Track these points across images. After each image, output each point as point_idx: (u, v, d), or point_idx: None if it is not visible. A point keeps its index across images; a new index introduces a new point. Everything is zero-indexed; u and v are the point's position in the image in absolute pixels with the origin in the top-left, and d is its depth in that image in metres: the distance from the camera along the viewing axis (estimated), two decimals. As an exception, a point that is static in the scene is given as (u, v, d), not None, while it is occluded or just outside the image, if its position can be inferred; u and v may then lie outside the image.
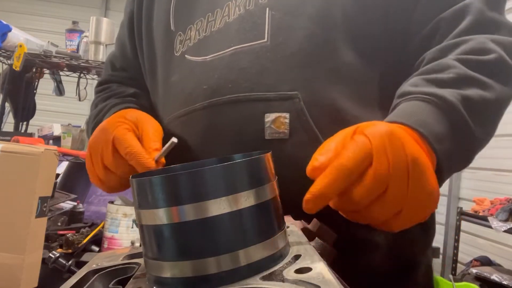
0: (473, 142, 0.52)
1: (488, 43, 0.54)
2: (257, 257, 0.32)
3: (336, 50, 0.59)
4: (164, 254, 0.32)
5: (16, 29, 2.10)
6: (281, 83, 0.58)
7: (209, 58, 0.62)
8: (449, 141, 0.48)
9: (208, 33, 0.65)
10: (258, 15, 0.60)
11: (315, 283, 0.29)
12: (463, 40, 0.56)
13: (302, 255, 0.35)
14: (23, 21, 4.82)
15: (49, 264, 1.08)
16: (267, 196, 0.33)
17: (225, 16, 0.63)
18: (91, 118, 0.77)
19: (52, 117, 4.14)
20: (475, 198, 2.86)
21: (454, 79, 0.51)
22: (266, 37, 0.59)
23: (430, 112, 0.49)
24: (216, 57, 0.62)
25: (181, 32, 0.68)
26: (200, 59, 0.64)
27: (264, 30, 0.60)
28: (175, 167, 0.45)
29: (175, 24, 0.69)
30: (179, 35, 0.68)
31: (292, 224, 0.45)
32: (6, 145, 0.89)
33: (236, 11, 0.62)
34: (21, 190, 0.88)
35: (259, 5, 0.61)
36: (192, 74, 0.64)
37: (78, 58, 2.01)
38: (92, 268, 0.40)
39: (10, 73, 2.03)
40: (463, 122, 0.49)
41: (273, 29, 0.59)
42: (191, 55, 0.65)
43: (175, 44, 0.68)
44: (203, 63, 0.63)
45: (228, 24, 0.63)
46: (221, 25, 0.63)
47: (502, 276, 2.31)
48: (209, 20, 0.65)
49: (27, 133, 2.16)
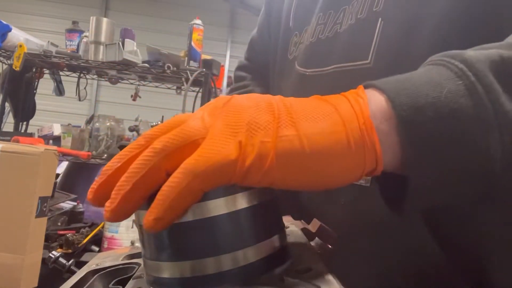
0: (504, 120, 0.30)
1: None
2: (257, 257, 0.32)
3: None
4: (163, 255, 0.32)
5: (16, 29, 2.10)
6: None
7: (309, 72, 0.57)
8: (443, 115, 0.30)
9: (315, 39, 0.57)
10: (367, 27, 0.50)
11: (315, 283, 0.29)
12: None
13: (302, 255, 0.35)
14: (23, 21, 4.83)
15: (49, 264, 1.08)
16: (266, 196, 0.33)
17: (338, 23, 0.55)
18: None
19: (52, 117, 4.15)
20: (475, 198, 2.86)
21: (500, 44, 0.34)
22: (369, 58, 0.49)
23: (430, 73, 0.33)
24: (316, 73, 0.56)
25: (297, 32, 0.63)
26: (302, 70, 0.58)
27: (369, 48, 0.49)
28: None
29: (294, 20, 0.64)
30: (295, 36, 0.63)
31: (292, 224, 0.45)
32: (6, 145, 0.89)
33: (348, 20, 0.53)
34: (21, 190, 0.88)
35: (372, 14, 0.50)
36: (295, 85, 0.59)
37: (78, 58, 2.01)
38: (92, 268, 0.40)
39: (10, 73, 2.03)
40: (483, 89, 0.30)
41: (380, 47, 0.48)
42: (297, 63, 0.61)
43: (290, 45, 0.64)
44: (304, 76, 0.58)
45: (337, 34, 0.54)
46: (331, 34, 0.55)
47: (502, 276, 2.31)
48: (319, 23, 0.58)
49: (27, 133, 2.16)
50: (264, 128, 0.30)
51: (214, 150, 0.29)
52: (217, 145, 0.29)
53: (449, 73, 0.32)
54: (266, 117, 0.31)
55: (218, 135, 0.30)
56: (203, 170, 0.28)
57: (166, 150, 0.29)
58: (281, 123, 0.31)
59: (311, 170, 0.31)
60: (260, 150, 0.29)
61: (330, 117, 0.31)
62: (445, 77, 0.32)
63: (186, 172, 0.28)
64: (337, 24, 0.55)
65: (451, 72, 0.32)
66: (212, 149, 0.29)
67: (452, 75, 0.31)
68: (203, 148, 0.29)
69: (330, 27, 0.56)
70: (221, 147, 0.29)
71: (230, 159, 0.29)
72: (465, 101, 0.30)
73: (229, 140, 0.29)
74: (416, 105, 0.30)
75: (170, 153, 0.29)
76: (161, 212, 0.28)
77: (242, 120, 0.30)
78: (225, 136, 0.30)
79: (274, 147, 0.30)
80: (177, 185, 0.28)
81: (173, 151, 0.29)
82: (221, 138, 0.29)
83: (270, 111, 0.31)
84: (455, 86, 0.31)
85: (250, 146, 0.29)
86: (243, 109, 0.31)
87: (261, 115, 0.31)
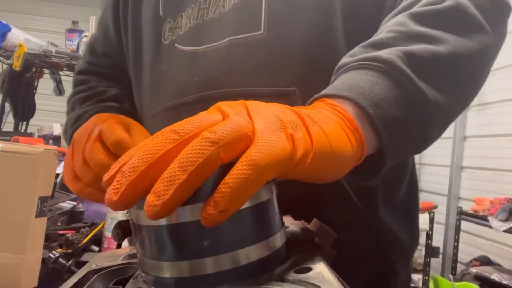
0: (427, 105, 0.42)
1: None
2: (256, 257, 0.32)
3: (335, 42, 0.55)
4: (163, 254, 0.32)
5: (16, 29, 2.10)
6: (278, 78, 0.54)
7: (201, 48, 0.59)
8: (391, 104, 0.40)
9: (200, 21, 0.61)
10: (254, 4, 0.57)
11: (315, 283, 0.29)
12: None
13: (302, 255, 0.35)
14: (23, 21, 4.82)
15: (49, 264, 1.08)
16: (265, 196, 0.33)
17: (220, 6, 0.60)
18: (69, 122, 0.71)
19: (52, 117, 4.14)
20: (475, 198, 2.86)
21: (394, 38, 0.44)
22: (262, 28, 0.55)
23: (363, 77, 0.41)
24: (209, 48, 0.58)
25: (170, 19, 0.64)
26: (191, 49, 0.60)
27: (260, 20, 0.56)
28: None
29: (165, 10, 0.65)
30: (168, 22, 0.64)
31: (292, 224, 0.45)
32: (6, 145, 0.89)
33: (231, 1, 0.59)
34: (21, 190, 0.88)
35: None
36: (183, 64, 0.60)
37: (78, 58, 2.01)
38: (92, 268, 0.40)
39: (10, 73, 2.03)
40: (406, 79, 0.41)
41: (270, 20, 0.55)
42: (181, 45, 0.62)
43: (164, 32, 0.64)
44: (195, 53, 0.59)
45: (222, 14, 0.59)
46: (215, 15, 0.60)
47: (502, 276, 2.31)
48: (201, 8, 0.61)
49: (27, 133, 2.17)
50: (298, 125, 0.33)
51: (272, 143, 0.30)
52: (272, 138, 0.30)
53: (378, 74, 0.41)
54: (293, 115, 0.34)
55: (268, 129, 0.31)
56: (268, 163, 0.29)
57: (222, 140, 0.29)
58: (306, 121, 0.34)
59: (331, 163, 0.35)
60: (305, 144, 0.32)
61: (330, 119, 0.36)
62: (377, 77, 0.41)
63: (254, 164, 0.29)
64: (220, 6, 0.60)
65: (379, 73, 0.41)
66: (269, 142, 0.30)
67: (380, 75, 0.41)
68: (260, 140, 0.30)
69: (214, 10, 0.60)
70: (276, 140, 0.30)
71: (288, 151, 0.31)
72: (397, 91, 0.41)
73: (280, 134, 0.31)
74: (373, 103, 0.39)
75: (225, 143, 0.29)
76: (228, 204, 0.28)
77: (279, 116, 0.33)
78: (275, 130, 0.31)
79: (312, 142, 0.33)
80: (246, 177, 0.28)
81: (228, 142, 0.29)
82: (272, 131, 0.31)
83: (291, 110, 0.35)
84: (387, 82, 0.41)
85: (298, 139, 0.32)
86: (270, 108, 0.34)
87: (289, 113, 0.34)
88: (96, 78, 0.78)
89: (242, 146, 0.30)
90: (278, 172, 0.30)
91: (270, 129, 0.31)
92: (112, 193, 0.29)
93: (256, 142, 0.30)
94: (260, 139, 0.30)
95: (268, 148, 0.30)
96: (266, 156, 0.29)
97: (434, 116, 0.44)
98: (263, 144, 0.30)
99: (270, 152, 0.29)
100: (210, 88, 0.56)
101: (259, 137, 0.30)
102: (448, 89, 0.44)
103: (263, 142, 0.30)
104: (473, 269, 2.48)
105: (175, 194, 0.28)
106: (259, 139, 0.30)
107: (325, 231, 0.43)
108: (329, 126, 0.35)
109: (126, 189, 0.29)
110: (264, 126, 0.31)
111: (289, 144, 0.31)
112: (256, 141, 0.30)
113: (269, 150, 0.30)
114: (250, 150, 0.29)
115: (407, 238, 0.63)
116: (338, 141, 0.35)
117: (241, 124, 0.30)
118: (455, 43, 0.44)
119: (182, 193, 0.28)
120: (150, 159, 0.29)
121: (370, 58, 0.42)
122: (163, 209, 0.28)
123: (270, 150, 0.30)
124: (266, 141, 0.30)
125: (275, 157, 0.30)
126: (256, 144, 0.30)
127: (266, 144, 0.30)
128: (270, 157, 0.29)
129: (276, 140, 0.30)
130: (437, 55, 0.43)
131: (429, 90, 0.42)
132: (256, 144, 0.30)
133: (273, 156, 0.29)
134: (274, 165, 0.30)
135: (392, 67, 0.41)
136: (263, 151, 0.29)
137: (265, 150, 0.29)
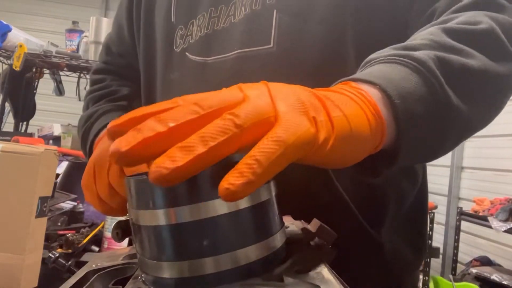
0: (451, 111, 0.42)
1: (481, 17, 0.47)
2: (256, 257, 0.32)
3: (346, 58, 0.54)
4: (163, 255, 0.32)
5: (16, 29, 2.10)
6: None
7: (210, 60, 0.59)
8: (416, 100, 0.39)
9: (211, 30, 0.60)
10: (265, 17, 0.56)
11: (315, 283, 0.29)
12: (456, 16, 0.49)
13: (302, 255, 0.35)
14: (23, 21, 4.82)
15: (49, 264, 1.08)
16: (265, 196, 0.33)
17: (231, 15, 0.59)
18: (81, 121, 0.72)
19: (52, 117, 4.14)
20: (475, 198, 2.86)
21: (426, 45, 0.43)
22: (272, 42, 0.55)
23: (393, 70, 0.41)
24: (218, 59, 0.58)
25: (182, 26, 0.63)
26: (201, 59, 0.60)
27: (270, 34, 0.55)
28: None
29: (177, 16, 0.64)
30: (180, 29, 0.64)
31: (292, 224, 0.45)
32: (6, 145, 0.89)
33: (242, 11, 0.58)
34: (21, 190, 0.88)
35: (266, 6, 0.56)
36: (192, 74, 0.60)
37: (78, 58, 2.01)
38: (92, 268, 0.40)
39: (10, 73, 2.03)
40: (435, 81, 0.40)
41: (280, 33, 0.55)
42: (192, 54, 0.61)
43: (175, 38, 0.64)
44: (204, 64, 0.59)
45: (233, 24, 0.58)
46: (226, 25, 0.59)
47: (502, 276, 2.31)
48: (212, 16, 0.61)
49: (27, 133, 2.16)
50: (319, 108, 0.33)
51: (296, 124, 0.30)
52: (296, 120, 0.30)
53: (408, 70, 0.40)
54: (314, 98, 0.34)
55: (291, 111, 0.31)
56: (293, 141, 0.29)
57: (245, 124, 0.29)
58: (326, 104, 0.34)
59: (351, 146, 0.34)
60: (327, 127, 0.32)
61: (351, 102, 0.35)
62: (406, 72, 0.40)
63: (281, 141, 0.28)
64: (230, 16, 0.59)
65: (410, 69, 0.40)
66: (294, 122, 0.30)
67: (411, 71, 0.40)
68: (285, 121, 0.30)
69: (224, 19, 0.59)
70: (300, 121, 0.30)
71: (312, 132, 0.31)
72: (424, 90, 0.40)
73: (303, 117, 0.31)
74: (400, 95, 0.38)
75: (247, 127, 0.29)
76: (253, 176, 0.27)
77: (301, 99, 0.32)
78: (298, 112, 0.31)
79: (333, 125, 0.32)
80: (273, 152, 0.28)
81: (250, 126, 0.29)
82: (295, 113, 0.31)
83: (313, 93, 0.35)
84: (416, 79, 0.40)
85: (320, 122, 0.32)
86: (292, 90, 0.34)
87: (310, 96, 0.34)
88: (111, 77, 0.79)
89: (263, 131, 0.30)
90: (302, 153, 0.30)
91: (293, 111, 0.31)
92: (123, 144, 0.27)
93: (281, 122, 0.30)
94: (285, 120, 0.30)
95: (294, 128, 0.29)
96: (292, 135, 0.29)
97: (454, 124, 0.43)
98: (288, 124, 0.30)
99: (295, 131, 0.29)
100: None
101: (283, 118, 0.30)
102: (472, 102, 0.44)
103: (288, 122, 0.30)
104: (473, 269, 2.48)
105: (191, 163, 0.27)
106: (284, 120, 0.30)
107: (325, 231, 0.43)
108: (351, 109, 0.35)
109: (139, 143, 0.27)
110: (287, 108, 0.31)
111: (312, 126, 0.31)
112: (281, 121, 0.30)
113: (294, 129, 0.29)
114: (276, 128, 0.29)
115: (412, 253, 0.63)
116: (358, 124, 0.34)
117: (264, 109, 0.30)
118: (485, 62, 0.44)
119: (196, 165, 0.27)
120: (171, 123, 0.28)
121: (401, 55, 0.42)
122: (172, 174, 0.26)
123: (295, 130, 0.29)
124: (290, 121, 0.30)
125: (299, 136, 0.29)
126: (281, 123, 0.30)
127: (291, 125, 0.30)
128: (295, 136, 0.29)
129: (300, 121, 0.30)
130: (467, 67, 0.43)
131: (454, 97, 0.41)
132: (281, 124, 0.30)
133: (298, 135, 0.29)
134: (299, 145, 0.29)
135: (424, 66, 0.40)
136: (289, 130, 0.29)
137: (290, 129, 0.29)
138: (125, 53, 0.77)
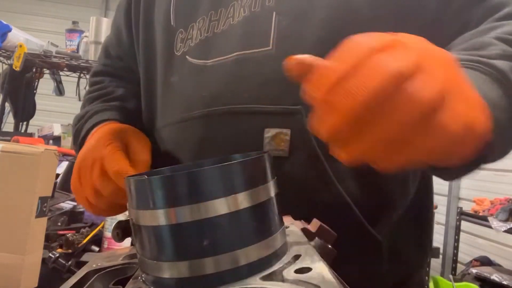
0: None
1: None
2: (256, 257, 0.32)
3: None
4: (163, 255, 0.32)
5: (16, 29, 2.10)
6: (284, 96, 0.53)
7: (209, 62, 0.59)
8: (501, 110, 0.40)
9: (211, 33, 0.60)
10: (264, 19, 0.56)
11: (315, 283, 0.29)
12: (502, 24, 0.49)
13: (302, 255, 0.35)
14: (23, 21, 4.82)
15: (49, 264, 1.08)
16: (265, 196, 0.33)
17: (230, 17, 0.59)
18: (75, 120, 0.73)
19: (52, 117, 4.14)
20: (475, 198, 2.86)
21: (500, 55, 0.44)
22: (271, 44, 0.55)
23: (478, 77, 0.41)
24: (217, 62, 0.58)
25: (182, 30, 0.64)
26: (201, 62, 0.60)
27: (269, 36, 0.55)
28: (172, 168, 0.45)
29: (176, 20, 0.64)
30: (180, 33, 0.64)
31: (292, 224, 0.45)
32: (6, 145, 0.90)
33: (241, 13, 0.58)
34: (21, 190, 0.88)
35: (266, 8, 0.56)
36: (192, 77, 0.60)
37: (78, 58, 2.01)
38: (92, 268, 0.40)
39: (10, 73, 2.03)
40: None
41: (279, 35, 0.55)
42: (191, 57, 0.61)
43: (176, 42, 0.64)
44: (204, 67, 0.59)
45: (232, 26, 0.58)
46: (225, 27, 0.59)
47: (502, 276, 2.31)
48: (212, 20, 0.61)
49: (27, 133, 2.17)
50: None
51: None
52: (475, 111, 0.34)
53: (492, 80, 0.42)
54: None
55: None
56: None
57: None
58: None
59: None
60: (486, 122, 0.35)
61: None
62: (491, 82, 0.41)
63: (469, 126, 0.32)
64: (229, 18, 0.59)
65: (492, 79, 0.42)
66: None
67: (493, 81, 0.42)
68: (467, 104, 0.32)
69: (223, 22, 0.60)
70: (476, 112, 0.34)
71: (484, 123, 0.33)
72: (506, 101, 0.41)
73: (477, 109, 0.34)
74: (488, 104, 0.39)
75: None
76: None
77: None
78: (471, 103, 0.33)
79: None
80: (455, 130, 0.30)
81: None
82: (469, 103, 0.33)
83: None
84: (498, 90, 0.41)
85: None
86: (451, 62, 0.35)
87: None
88: (109, 78, 0.79)
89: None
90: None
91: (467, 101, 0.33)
92: (350, 97, 0.30)
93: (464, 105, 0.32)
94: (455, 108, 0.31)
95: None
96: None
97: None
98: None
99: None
100: (216, 104, 0.56)
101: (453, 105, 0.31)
102: None
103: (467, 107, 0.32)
104: (473, 270, 2.48)
105: (361, 106, 0.29)
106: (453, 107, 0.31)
107: (325, 231, 0.43)
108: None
109: (309, 63, 0.32)
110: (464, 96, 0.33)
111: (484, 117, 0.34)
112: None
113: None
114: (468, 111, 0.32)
115: (415, 251, 0.63)
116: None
117: (430, 96, 0.31)
118: None
119: (359, 109, 0.30)
120: (348, 62, 0.32)
121: (483, 63, 0.43)
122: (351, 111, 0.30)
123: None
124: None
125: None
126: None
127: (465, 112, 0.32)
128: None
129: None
130: None
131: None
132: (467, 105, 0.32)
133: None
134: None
135: (505, 78, 0.42)
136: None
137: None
138: (123, 56, 0.77)
